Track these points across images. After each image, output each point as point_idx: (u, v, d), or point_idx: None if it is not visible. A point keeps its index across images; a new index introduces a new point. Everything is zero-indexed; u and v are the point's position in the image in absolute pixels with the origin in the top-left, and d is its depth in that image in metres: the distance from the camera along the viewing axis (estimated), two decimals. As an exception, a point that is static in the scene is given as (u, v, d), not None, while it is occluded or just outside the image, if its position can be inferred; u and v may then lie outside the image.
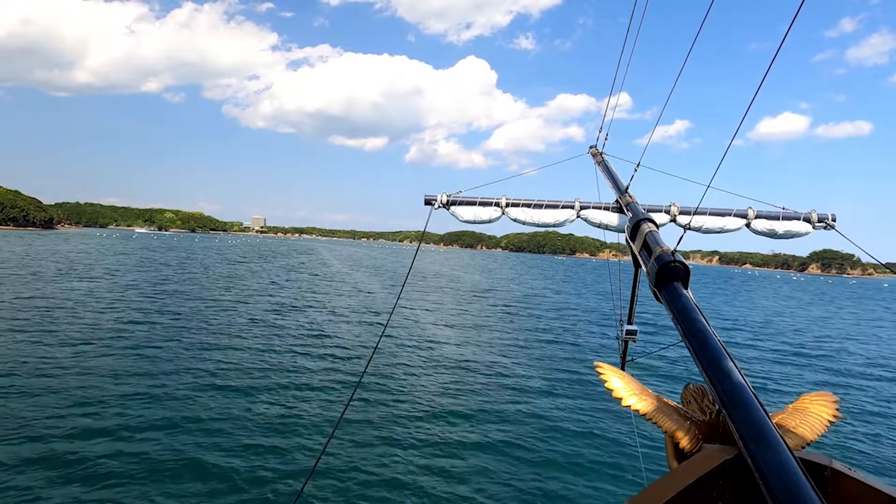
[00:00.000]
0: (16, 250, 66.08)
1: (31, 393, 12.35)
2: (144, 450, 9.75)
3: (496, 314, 33.39)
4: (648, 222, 3.02)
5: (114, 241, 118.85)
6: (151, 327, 21.26)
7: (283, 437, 10.85)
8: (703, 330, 1.93)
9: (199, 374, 14.91)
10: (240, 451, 10.07)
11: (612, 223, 4.54)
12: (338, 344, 20.59)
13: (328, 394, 14.09)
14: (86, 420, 10.98)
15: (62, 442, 9.82)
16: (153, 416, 11.47)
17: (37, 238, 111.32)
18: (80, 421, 10.90)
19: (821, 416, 1.93)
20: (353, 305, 33.23)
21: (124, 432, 10.45)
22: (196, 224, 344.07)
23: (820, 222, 4.54)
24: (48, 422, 10.69)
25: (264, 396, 13.42)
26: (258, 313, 27.04)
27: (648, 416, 1.98)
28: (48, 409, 11.34)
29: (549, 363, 19.49)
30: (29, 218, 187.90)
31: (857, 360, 24.75)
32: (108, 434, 10.32)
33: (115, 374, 14.30)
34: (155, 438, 10.35)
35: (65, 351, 16.56)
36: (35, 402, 11.79)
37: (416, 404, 13.59)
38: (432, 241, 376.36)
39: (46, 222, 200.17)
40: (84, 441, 9.94)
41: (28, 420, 10.69)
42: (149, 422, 11.12)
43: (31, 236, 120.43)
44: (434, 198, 4.74)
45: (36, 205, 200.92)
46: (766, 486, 1.32)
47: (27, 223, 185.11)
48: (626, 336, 4.72)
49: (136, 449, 9.76)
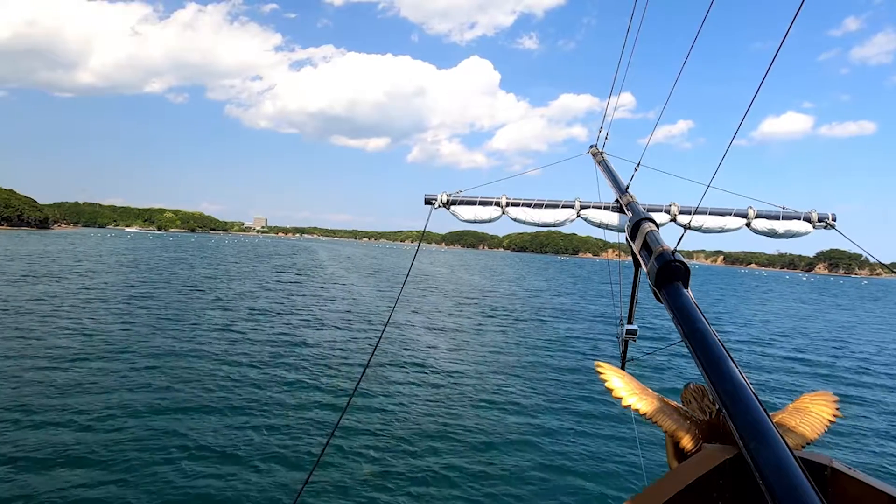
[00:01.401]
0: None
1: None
2: (133, 458, 9.61)
3: (496, 314, 33.39)
4: (648, 222, 3.02)
5: (104, 241, 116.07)
6: (107, 336, 18.98)
7: (281, 440, 10.86)
8: (703, 329, 1.93)
9: (190, 379, 14.89)
10: (239, 453, 10.08)
11: (612, 223, 4.54)
12: (336, 345, 20.60)
13: (328, 395, 14.09)
14: (54, 431, 10.35)
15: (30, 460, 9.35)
16: (129, 425, 10.96)
17: (25, 238, 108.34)
18: (47, 431, 10.30)
19: (821, 415, 1.93)
20: (350, 308, 33.23)
21: (103, 448, 9.78)
22: (196, 224, 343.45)
23: (820, 222, 4.55)
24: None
25: (263, 397, 13.42)
26: (244, 316, 26.93)
27: (649, 416, 1.98)
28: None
29: (548, 362, 19.48)
30: (24, 217, 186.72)
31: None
32: (88, 449, 9.68)
33: (72, 392, 12.66)
34: (140, 444, 10.32)
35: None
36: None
37: (414, 405, 13.60)
38: (434, 240, 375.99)
39: (42, 222, 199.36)
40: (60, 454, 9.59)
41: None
42: (128, 431, 10.57)
43: (21, 236, 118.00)
44: (434, 197, 4.74)
45: (31, 204, 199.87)
46: (766, 485, 1.32)
47: (22, 223, 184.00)
48: (627, 336, 4.72)
49: (125, 458, 9.55)
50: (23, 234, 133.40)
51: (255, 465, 9.54)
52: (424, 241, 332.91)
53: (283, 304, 31.42)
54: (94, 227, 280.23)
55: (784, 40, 1.93)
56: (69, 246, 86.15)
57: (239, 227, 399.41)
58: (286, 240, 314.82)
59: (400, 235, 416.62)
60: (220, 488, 8.68)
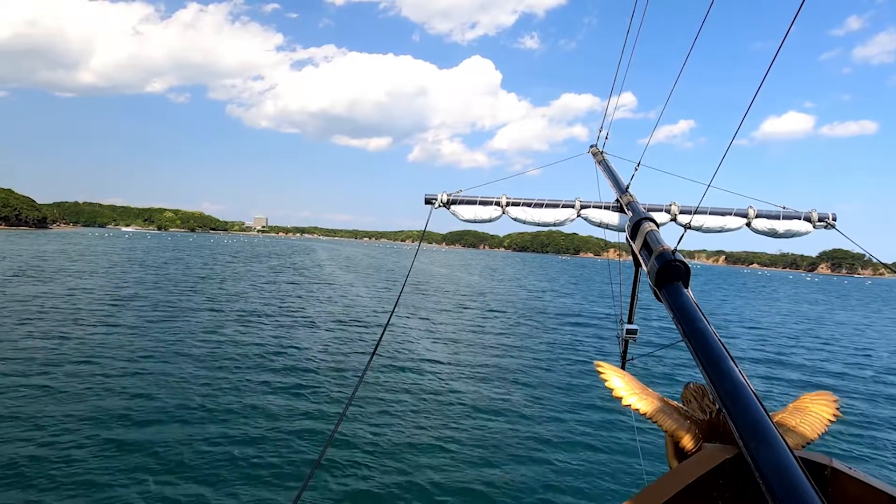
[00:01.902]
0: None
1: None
2: (120, 464, 9.53)
3: (495, 315, 33.40)
4: (649, 221, 3.02)
5: (100, 241, 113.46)
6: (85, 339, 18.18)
7: (280, 440, 10.85)
8: (704, 329, 1.94)
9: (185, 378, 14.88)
10: (237, 455, 10.07)
11: (612, 222, 4.55)
12: (336, 345, 20.61)
13: (327, 395, 14.09)
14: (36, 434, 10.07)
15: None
16: (114, 432, 10.83)
17: (20, 237, 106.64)
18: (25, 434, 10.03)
19: (821, 415, 1.93)
20: (347, 311, 33.21)
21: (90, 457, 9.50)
22: (196, 224, 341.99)
23: (820, 221, 4.56)
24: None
25: (262, 397, 13.43)
26: (235, 319, 26.83)
27: (649, 416, 1.98)
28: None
29: (548, 362, 19.49)
30: (22, 217, 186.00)
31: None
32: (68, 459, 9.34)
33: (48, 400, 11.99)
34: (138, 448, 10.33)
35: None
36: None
37: (414, 406, 13.59)
38: (434, 240, 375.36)
39: (40, 222, 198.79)
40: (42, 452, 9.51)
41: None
42: (112, 438, 10.30)
43: (16, 236, 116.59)
44: (434, 197, 4.74)
45: (29, 204, 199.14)
46: (765, 485, 1.32)
47: (20, 222, 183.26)
48: (627, 335, 4.72)
49: (106, 465, 9.40)
50: (21, 233, 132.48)
51: (250, 470, 9.48)
52: (425, 240, 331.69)
53: (277, 306, 30.72)
54: (93, 227, 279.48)
55: (784, 41, 1.93)
56: (66, 246, 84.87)
57: (239, 227, 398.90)
58: (286, 239, 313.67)
59: (401, 235, 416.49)
60: (213, 495, 8.58)
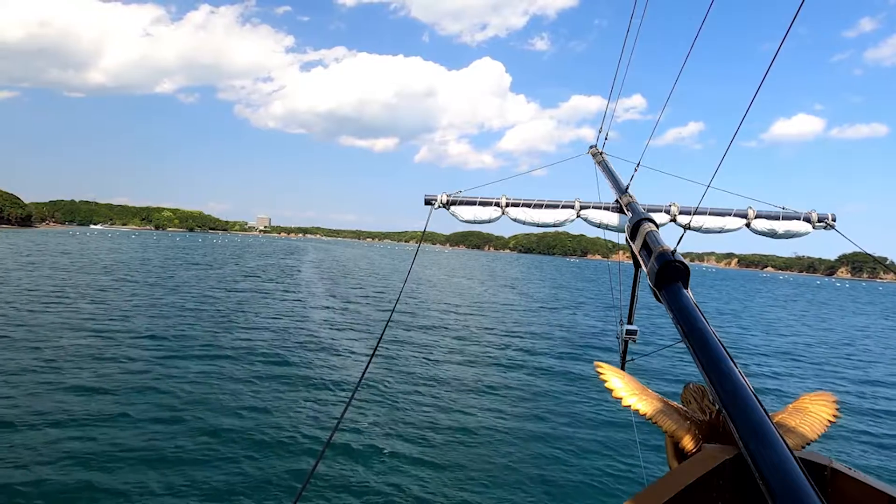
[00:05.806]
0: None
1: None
2: (117, 459, 9.44)
3: (495, 315, 33.40)
4: (648, 222, 3.02)
5: (71, 241, 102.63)
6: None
7: (280, 440, 10.85)
8: (703, 329, 1.94)
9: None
10: (237, 455, 10.07)
11: (612, 223, 4.55)
12: (334, 346, 20.60)
13: (327, 395, 14.09)
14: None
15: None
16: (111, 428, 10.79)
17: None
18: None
19: (821, 415, 1.93)
20: (345, 313, 33.18)
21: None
22: (195, 223, 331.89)
23: (820, 222, 4.56)
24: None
25: (261, 396, 13.43)
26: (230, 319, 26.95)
27: (649, 416, 1.98)
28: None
29: (548, 363, 19.48)
30: (4, 215, 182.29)
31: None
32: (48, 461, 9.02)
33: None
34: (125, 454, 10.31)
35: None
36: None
37: (413, 406, 13.59)
38: (438, 241, 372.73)
39: (24, 220, 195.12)
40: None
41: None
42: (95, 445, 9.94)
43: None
44: (434, 197, 4.73)
45: (13, 201, 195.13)
46: (765, 485, 1.32)
47: (2, 220, 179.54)
48: (627, 336, 4.71)
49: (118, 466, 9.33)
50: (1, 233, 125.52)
51: (251, 470, 9.48)
52: (428, 241, 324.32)
53: (266, 311, 29.75)
54: (87, 226, 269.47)
55: (783, 42, 1.93)
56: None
57: (240, 227, 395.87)
58: (286, 240, 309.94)
59: (404, 236, 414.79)
60: (213, 495, 8.56)
